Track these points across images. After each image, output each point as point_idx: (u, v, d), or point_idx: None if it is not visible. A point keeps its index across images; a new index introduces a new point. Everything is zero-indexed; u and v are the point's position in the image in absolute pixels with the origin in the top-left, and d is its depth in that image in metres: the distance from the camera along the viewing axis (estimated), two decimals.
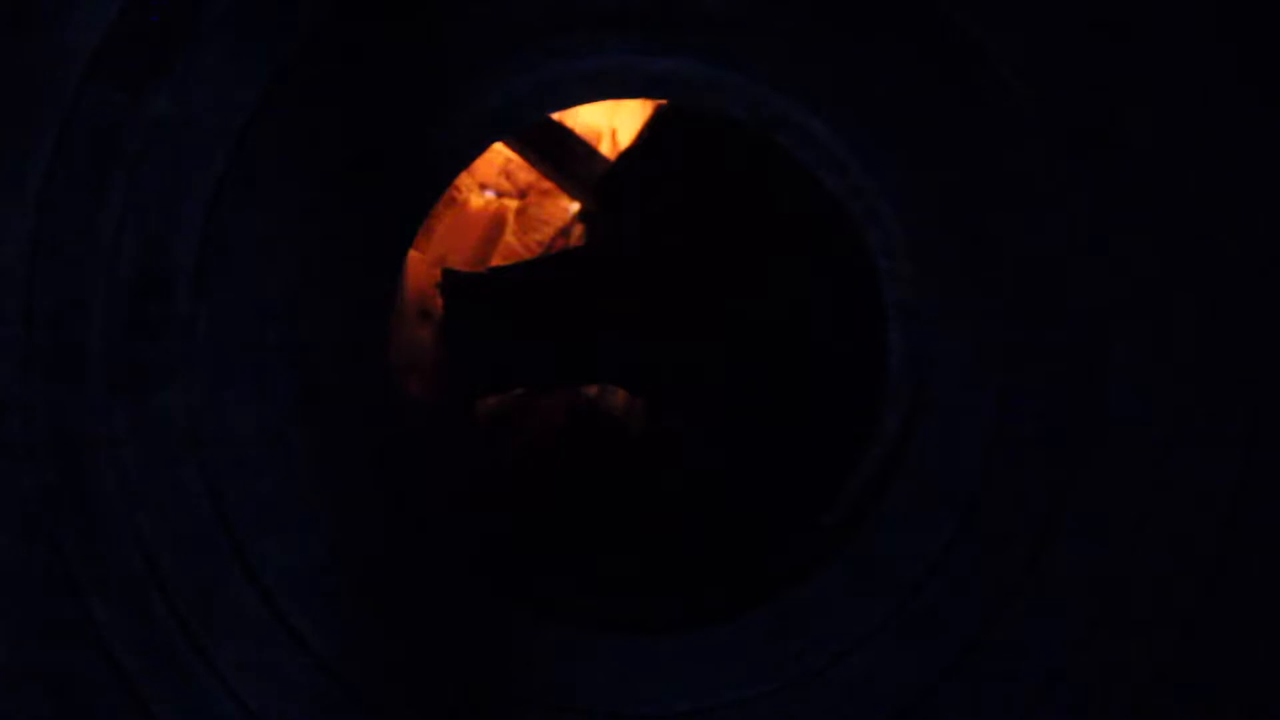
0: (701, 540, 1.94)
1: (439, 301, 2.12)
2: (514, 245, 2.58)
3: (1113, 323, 1.51)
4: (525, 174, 2.59)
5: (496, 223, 2.59)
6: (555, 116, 2.31)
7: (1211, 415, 1.51)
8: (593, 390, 2.34)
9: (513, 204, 2.63)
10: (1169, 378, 1.51)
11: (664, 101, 2.10)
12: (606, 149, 2.48)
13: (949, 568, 1.54)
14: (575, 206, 2.44)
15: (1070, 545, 1.53)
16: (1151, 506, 1.52)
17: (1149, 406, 1.51)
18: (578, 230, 2.39)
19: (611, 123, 2.56)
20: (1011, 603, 1.54)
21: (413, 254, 2.22)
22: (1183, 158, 1.49)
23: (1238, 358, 1.51)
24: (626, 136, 2.47)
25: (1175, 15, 1.48)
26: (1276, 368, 1.51)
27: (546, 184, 2.55)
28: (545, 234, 2.57)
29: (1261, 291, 1.50)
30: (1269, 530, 1.52)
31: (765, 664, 1.56)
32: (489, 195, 2.62)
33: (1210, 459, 1.52)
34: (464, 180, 2.55)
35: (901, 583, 1.55)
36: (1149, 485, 1.52)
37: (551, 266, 2.26)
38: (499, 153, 2.52)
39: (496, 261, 2.55)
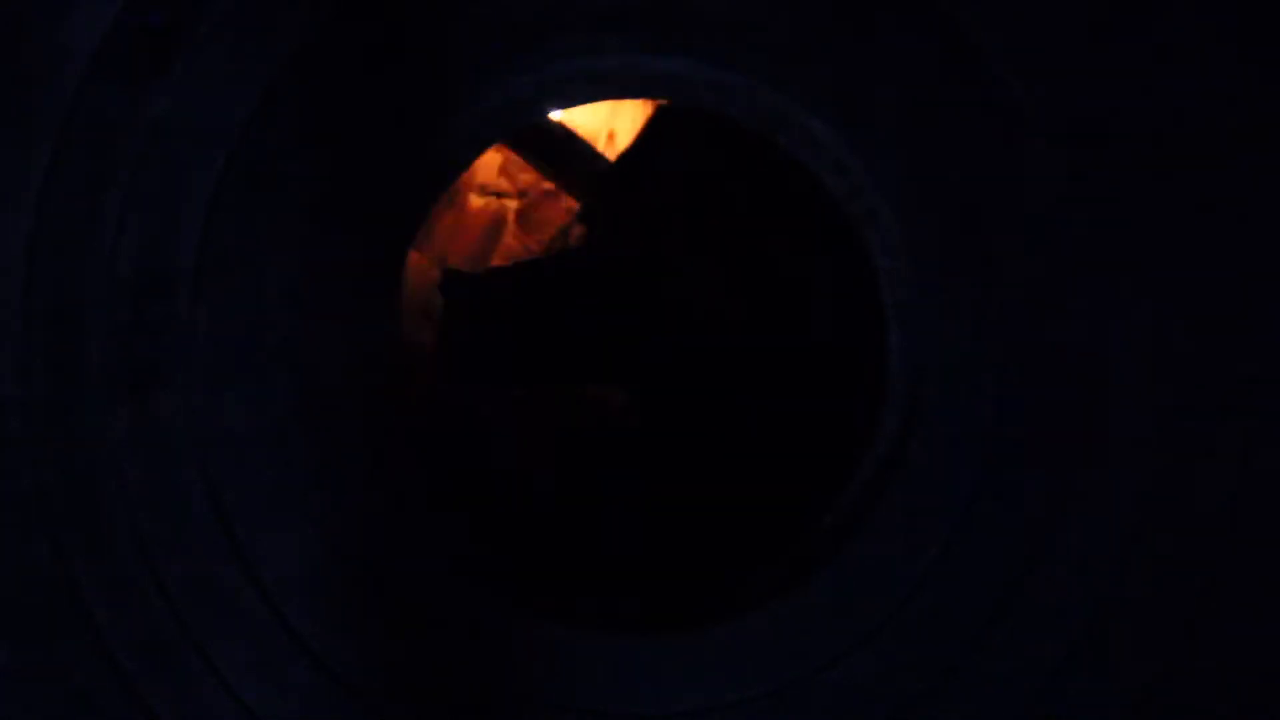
0: (702, 540, 1.94)
1: (439, 301, 2.13)
2: (514, 245, 2.58)
3: (1113, 323, 1.51)
4: (525, 174, 2.59)
5: (496, 223, 2.59)
6: (555, 116, 2.31)
7: (1211, 416, 1.51)
8: (592, 389, 2.34)
9: (513, 204, 2.62)
10: (1169, 379, 1.51)
11: (664, 101, 2.11)
12: (606, 149, 2.48)
13: (948, 568, 1.54)
14: (575, 206, 2.44)
15: (1069, 545, 1.53)
16: (1151, 507, 1.52)
17: (1148, 407, 1.51)
18: (578, 230, 2.39)
19: (611, 123, 2.55)
20: (1011, 603, 1.54)
21: (413, 254, 2.22)
22: (1183, 158, 1.49)
23: (1237, 358, 1.51)
24: (626, 136, 2.47)
25: (1175, 14, 1.48)
26: (1275, 369, 1.51)
27: (546, 184, 2.55)
28: (545, 234, 2.57)
29: (1261, 292, 1.50)
30: (1269, 530, 1.52)
31: (765, 664, 1.56)
32: (489, 195, 2.62)
33: (1210, 460, 1.52)
34: (464, 180, 2.55)
35: (901, 583, 1.55)
36: (1148, 485, 1.52)
37: (551, 266, 2.26)
38: (499, 153, 2.52)
39: (496, 261, 2.55)
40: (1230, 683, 1.54)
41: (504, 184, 2.64)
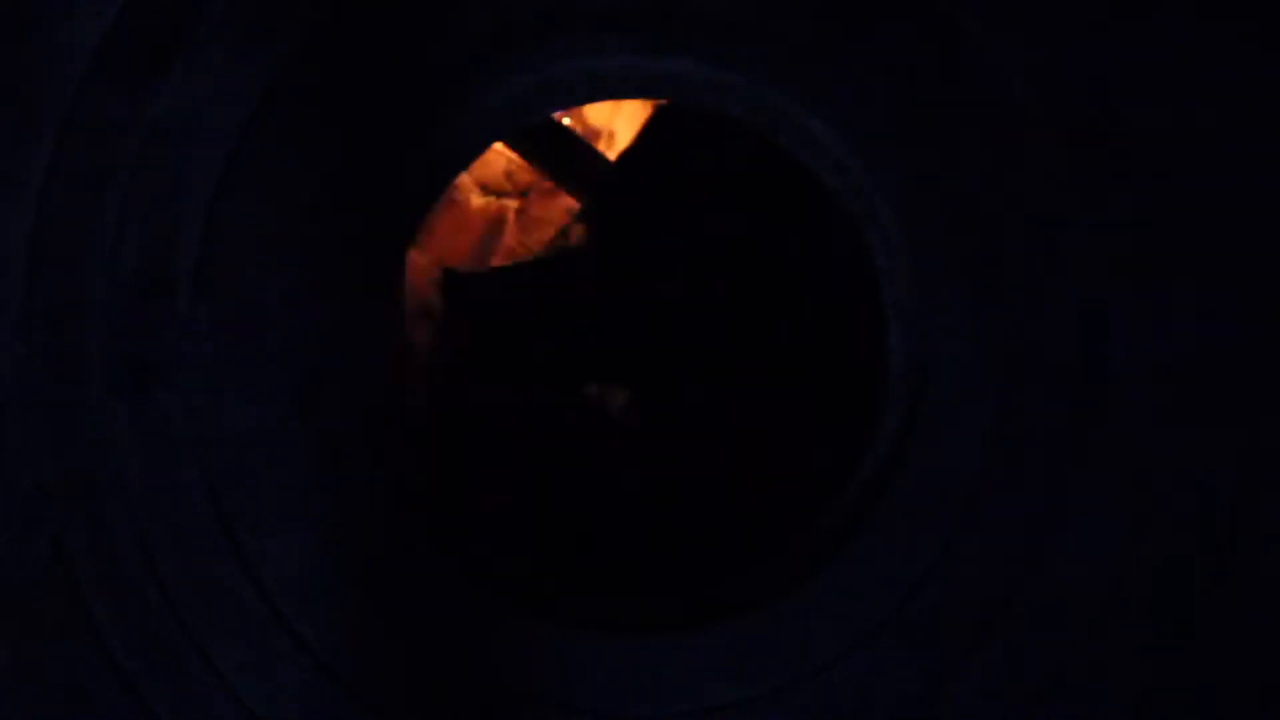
0: (702, 540, 1.94)
1: (439, 301, 2.13)
2: (514, 245, 2.58)
3: (1113, 322, 1.51)
4: (525, 174, 2.59)
5: (496, 223, 2.59)
6: (555, 116, 2.31)
7: (1211, 414, 1.51)
8: (593, 390, 2.34)
9: (513, 204, 2.62)
10: (1169, 377, 1.51)
11: (664, 101, 2.11)
12: (606, 149, 2.48)
13: (949, 568, 1.54)
14: (575, 206, 2.44)
15: (1070, 545, 1.53)
16: (1151, 506, 1.52)
17: (1149, 406, 1.51)
18: (578, 230, 2.39)
19: (611, 123, 2.56)
20: (1011, 603, 1.54)
21: (413, 254, 2.22)
22: (1183, 157, 1.49)
23: (1238, 357, 1.51)
24: (626, 136, 2.47)
25: (1175, 14, 1.48)
26: (1277, 367, 1.51)
27: (546, 184, 2.55)
28: (545, 234, 2.57)
29: (1262, 291, 1.50)
30: (1269, 530, 1.52)
31: (765, 664, 1.56)
32: (489, 195, 2.62)
33: (1210, 458, 1.52)
34: (464, 180, 2.55)
35: (901, 583, 1.55)
36: (1149, 485, 1.52)
37: (551, 266, 2.26)
38: (499, 153, 2.52)
39: (496, 261, 2.55)
40: (1230, 683, 1.54)
41: (504, 184, 2.64)
